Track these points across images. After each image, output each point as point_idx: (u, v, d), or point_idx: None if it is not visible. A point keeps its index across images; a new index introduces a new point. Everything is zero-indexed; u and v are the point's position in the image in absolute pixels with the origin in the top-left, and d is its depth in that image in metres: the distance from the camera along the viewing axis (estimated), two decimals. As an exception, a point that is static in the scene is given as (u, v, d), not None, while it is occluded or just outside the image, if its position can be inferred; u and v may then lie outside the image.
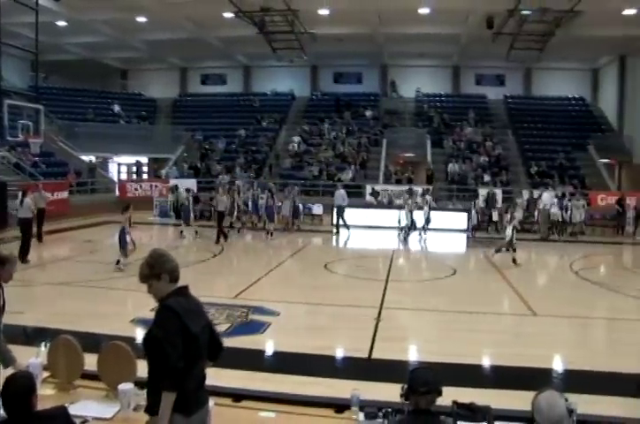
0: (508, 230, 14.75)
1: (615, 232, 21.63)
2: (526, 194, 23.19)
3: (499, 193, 23.60)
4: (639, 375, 6.93)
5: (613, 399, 5.93)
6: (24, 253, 13.24)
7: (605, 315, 10.54)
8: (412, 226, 19.92)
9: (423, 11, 25.08)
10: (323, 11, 25.35)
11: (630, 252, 19.53)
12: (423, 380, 3.07)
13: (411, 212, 19.87)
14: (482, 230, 21.40)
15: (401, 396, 3.13)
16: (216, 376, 5.97)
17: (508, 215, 15.22)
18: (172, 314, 3.17)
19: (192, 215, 19.15)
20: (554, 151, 29.13)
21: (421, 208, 20.18)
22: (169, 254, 3.46)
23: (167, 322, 3.16)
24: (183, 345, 3.12)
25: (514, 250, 14.76)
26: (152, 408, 3.13)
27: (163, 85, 38.01)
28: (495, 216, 21.59)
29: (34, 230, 15.28)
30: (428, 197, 20.81)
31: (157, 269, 3.31)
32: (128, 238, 12.73)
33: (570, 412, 2.84)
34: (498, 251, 15.23)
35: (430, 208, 20.45)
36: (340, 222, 21.09)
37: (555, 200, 21.17)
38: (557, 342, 8.42)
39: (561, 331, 8.96)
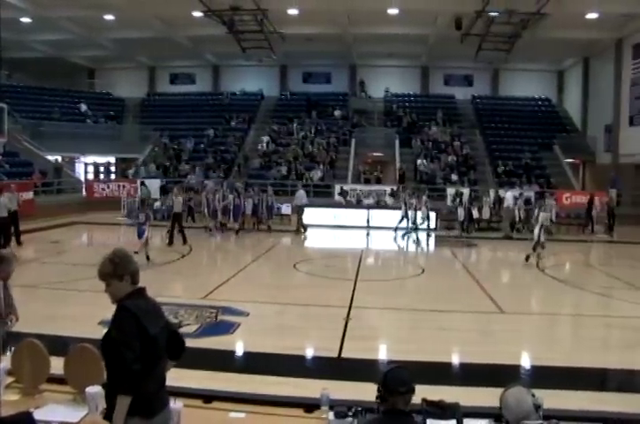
0: (536, 230, 14.76)
1: (581, 231, 21.96)
2: (492, 193, 23.49)
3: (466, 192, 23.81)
4: (604, 370, 7.12)
5: (578, 394, 6.05)
6: None
7: (571, 312, 10.76)
8: (414, 226, 20.22)
9: (392, 11, 25.20)
10: (293, 11, 25.35)
11: (595, 250, 19.84)
12: (401, 380, 3.04)
13: (415, 211, 20.21)
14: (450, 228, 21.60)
15: (378, 397, 3.09)
16: (185, 378, 5.95)
17: (539, 215, 15.13)
18: (129, 315, 3.12)
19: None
20: (521, 151, 29.57)
21: (419, 208, 20.45)
22: (132, 256, 3.42)
23: (124, 324, 3.11)
24: (141, 348, 3.07)
25: (542, 248, 14.72)
26: (111, 413, 3.06)
27: (131, 84, 37.56)
28: (475, 214, 21.80)
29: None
30: (425, 198, 21.03)
31: (121, 270, 3.26)
32: (145, 234, 13.74)
33: (537, 407, 2.89)
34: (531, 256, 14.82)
35: (429, 209, 20.78)
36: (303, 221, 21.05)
37: (518, 199, 21.51)
38: (524, 339, 8.55)
39: (528, 328, 9.10)
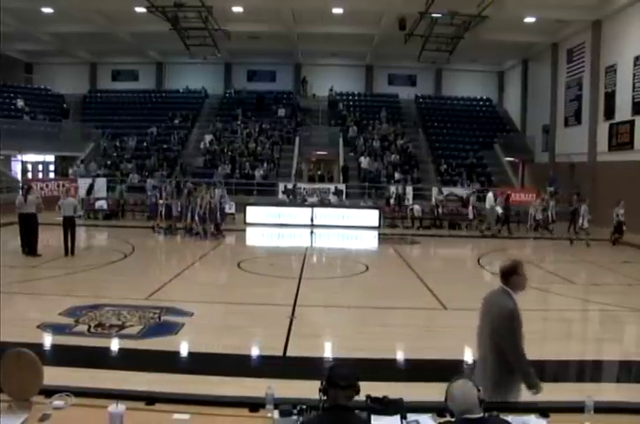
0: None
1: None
2: (435, 191, 23.85)
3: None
4: (541, 361, 7.37)
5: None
6: None
7: (510, 307, 11.02)
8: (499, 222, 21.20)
9: (337, 11, 25.35)
10: (238, 9, 25.22)
11: (535, 246, 20.33)
12: (343, 374, 3.12)
13: (494, 208, 21.08)
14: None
15: (320, 390, 3.15)
16: (128, 380, 5.85)
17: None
18: None
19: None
20: (463, 149, 30.22)
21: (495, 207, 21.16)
22: None
23: None
24: None
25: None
26: None
27: (71, 80, 36.40)
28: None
29: None
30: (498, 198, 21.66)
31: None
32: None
33: (481, 402, 2.98)
34: None
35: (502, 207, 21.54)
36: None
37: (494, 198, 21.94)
38: (466, 334, 8.67)
39: (470, 324, 9.18)
